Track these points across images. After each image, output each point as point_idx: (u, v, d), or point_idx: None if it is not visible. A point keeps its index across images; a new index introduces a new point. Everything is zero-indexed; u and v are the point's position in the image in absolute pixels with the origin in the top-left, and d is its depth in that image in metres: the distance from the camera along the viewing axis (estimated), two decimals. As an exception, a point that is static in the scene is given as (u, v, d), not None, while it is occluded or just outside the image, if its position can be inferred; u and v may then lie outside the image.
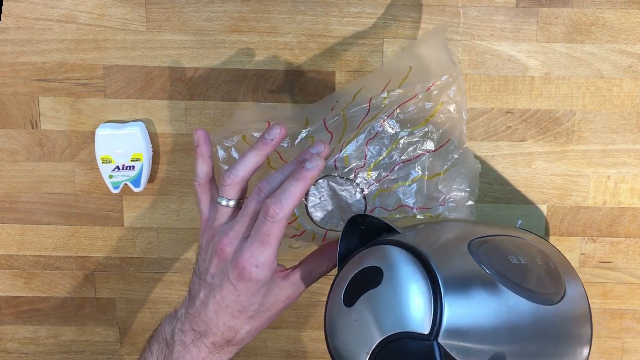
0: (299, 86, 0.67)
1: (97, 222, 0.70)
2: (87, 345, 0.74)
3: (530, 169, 0.68)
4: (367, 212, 0.55)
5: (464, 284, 0.44)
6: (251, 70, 0.66)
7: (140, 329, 0.74)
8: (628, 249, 0.70)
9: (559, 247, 0.70)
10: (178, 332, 0.52)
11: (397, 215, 0.56)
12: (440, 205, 0.56)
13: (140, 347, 0.73)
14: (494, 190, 0.69)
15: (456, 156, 0.55)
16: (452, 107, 0.55)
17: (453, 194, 0.56)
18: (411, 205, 0.55)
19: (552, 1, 0.64)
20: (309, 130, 0.57)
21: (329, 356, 0.76)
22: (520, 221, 0.70)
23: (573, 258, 0.70)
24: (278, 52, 0.66)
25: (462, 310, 0.43)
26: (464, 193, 0.56)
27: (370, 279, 0.45)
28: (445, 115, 0.55)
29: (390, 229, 0.50)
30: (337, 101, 0.58)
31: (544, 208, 0.69)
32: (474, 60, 0.66)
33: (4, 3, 0.65)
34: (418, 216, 0.56)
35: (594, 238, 0.70)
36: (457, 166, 0.56)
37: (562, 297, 0.49)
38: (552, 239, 0.70)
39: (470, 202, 0.57)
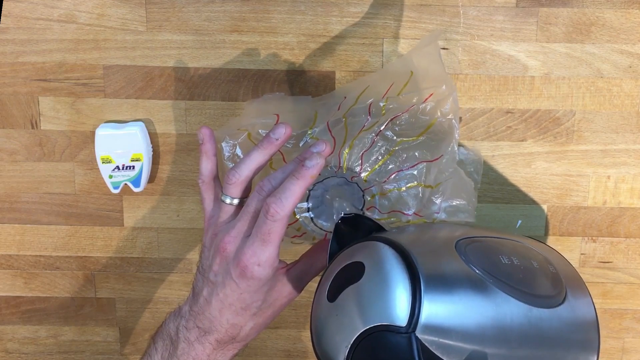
0: (299, 86, 0.67)
1: (97, 222, 0.70)
2: (87, 345, 0.74)
3: (530, 169, 0.68)
4: (364, 210, 0.55)
5: (447, 280, 0.44)
6: (251, 70, 0.66)
7: (140, 329, 0.74)
8: (628, 249, 0.70)
9: (558, 247, 0.70)
10: (182, 329, 0.52)
11: (392, 219, 0.56)
12: (435, 213, 0.56)
13: (140, 347, 0.74)
14: (494, 190, 0.69)
15: (447, 174, 0.56)
16: (445, 125, 0.55)
17: (448, 203, 0.56)
18: (405, 212, 0.56)
19: (552, 1, 0.64)
20: (314, 131, 0.57)
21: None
22: (520, 221, 0.70)
23: (573, 258, 0.70)
24: (278, 52, 0.66)
25: (444, 307, 0.42)
26: (459, 202, 0.56)
27: (353, 274, 0.45)
28: (439, 131, 0.55)
29: (380, 229, 0.50)
30: (345, 97, 0.58)
31: (544, 208, 0.69)
32: (474, 60, 0.66)
33: (4, 3, 0.65)
34: (411, 221, 0.56)
35: (594, 238, 0.70)
36: (450, 180, 0.56)
37: (562, 302, 0.49)
38: (552, 239, 0.70)
39: (467, 213, 0.57)
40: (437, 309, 0.42)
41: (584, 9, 0.65)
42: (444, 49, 0.65)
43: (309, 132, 0.57)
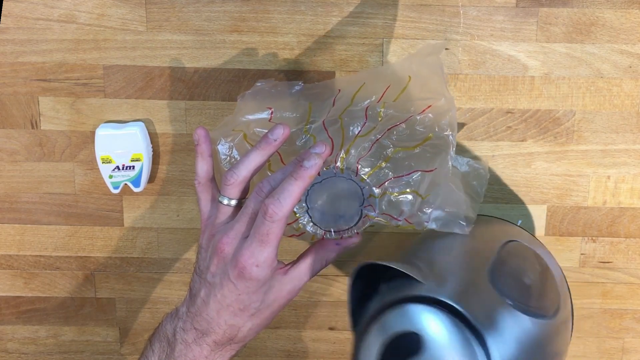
0: (299, 86, 0.67)
1: (97, 222, 0.70)
2: (87, 345, 0.74)
3: (530, 169, 0.68)
4: (362, 208, 0.55)
5: (503, 332, 0.44)
6: (251, 70, 0.66)
7: (140, 329, 0.74)
8: (628, 249, 0.70)
9: (558, 247, 0.70)
10: (180, 330, 0.52)
11: (383, 222, 0.56)
12: (425, 222, 0.56)
13: (140, 347, 0.73)
14: (494, 190, 0.69)
15: (437, 187, 0.55)
16: (441, 141, 0.55)
17: (438, 213, 0.56)
18: (397, 217, 0.56)
19: (552, 1, 0.64)
20: (310, 127, 0.56)
21: (329, 356, 0.76)
22: (520, 221, 0.70)
23: (573, 258, 0.70)
24: (278, 52, 0.66)
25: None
26: (450, 209, 0.56)
27: (409, 347, 0.43)
28: (436, 144, 0.55)
29: (403, 275, 0.47)
30: (339, 91, 0.58)
31: (544, 208, 0.69)
32: (474, 60, 0.66)
33: (4, 3, 0.65)
34: (401, 226, 0.56)
35: (594, 238, 0.70)
36: (441, 191, 0.55)
37: (557, 312, 0.49)
38: (552, 239, 0.70)
39: (460, 220, 0.56)
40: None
41: (584, 9, 0.65)
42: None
43: (305, 127, 0.57)
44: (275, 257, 0.50)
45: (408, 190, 0.55)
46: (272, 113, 0.58)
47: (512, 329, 0.44)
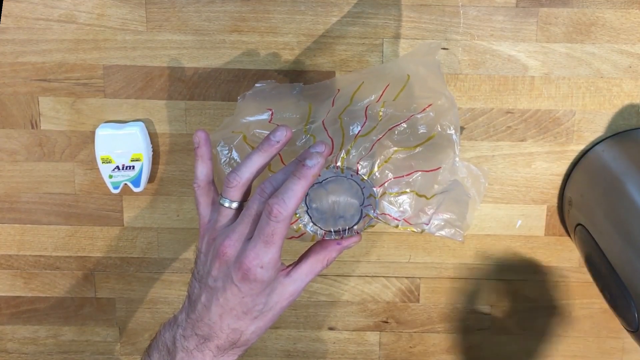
0: (299, 86, 0.67)
1: (97, 222, 0.70)
2: (87, 345, 0.74)
3: (530, 169, 0.68)
4: (363, 206, 0.55)
5: None
6: (251, 70, 0.66)
7: (140, 329, 0.74)
8: (628, 248, 0.70)
9: (558, 247, 0.70)
10: (180, 338, 0.51)
11: (382, 222, 0.56)
12: (425, 224, 0.56)
13: (140, 347, 0.74)
14: (494, 190, 0.69)
15: (444, 186, 0.55)
16: (444, 138, 0.54)
17: (440, 216, 0.56)
18: (396, 217, 0.55)
19: (552, 1, 0.64)
20: (310, 128, 0.56)
21: (329, 356, 0.76)
22: (520, 221, 0.70)
23: (573, 258, 0.70)
24: (278, 52, 0.66)
25: None
26: (450, 215, 0.56)
27: None
28: (436, 143, 0.55)
29: None
30: (338, 90, 0.58)
31: (544, 208, 0.69)
32: (474, 60, 0.66)
33: (4, 3, 0.65)
34: (400, 227, 0.56)
35: (593, 238, 0.70)
36: (447, 193, 0.55)
37: None
38: (552, 239, 0.70)
39: (457, 227, 0.56)
40: None
41: (584, 9, 0.65)
42: (444, 49, 0.65)
43: (305, 128, 0.57)
44: (279, 258, 0.49)
45: (408, 190, 0.55)
46: (272, 114, 0.58)
47: None
